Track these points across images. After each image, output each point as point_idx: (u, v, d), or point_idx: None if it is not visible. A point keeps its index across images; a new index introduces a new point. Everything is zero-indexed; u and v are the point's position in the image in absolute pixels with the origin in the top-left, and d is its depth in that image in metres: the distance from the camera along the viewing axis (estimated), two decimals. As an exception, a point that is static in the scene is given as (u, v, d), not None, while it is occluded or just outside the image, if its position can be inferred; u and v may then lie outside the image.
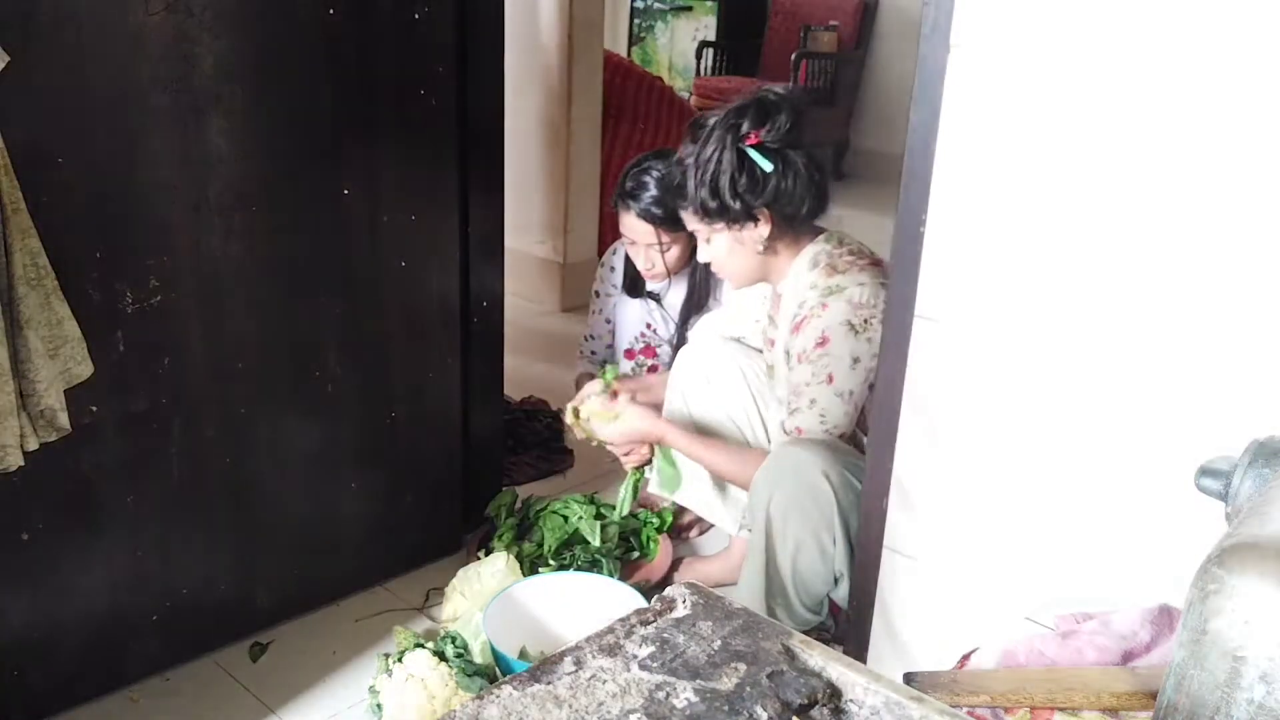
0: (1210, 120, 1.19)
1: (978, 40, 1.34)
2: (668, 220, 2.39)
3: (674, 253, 2.49)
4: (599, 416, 2.09)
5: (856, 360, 1.85)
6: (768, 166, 1.84)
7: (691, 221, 1.95)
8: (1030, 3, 1.29)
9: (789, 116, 1.85)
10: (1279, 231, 1.17)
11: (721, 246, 1.95)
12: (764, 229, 1.90)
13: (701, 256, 2.02)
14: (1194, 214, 1.22)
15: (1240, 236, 1.20)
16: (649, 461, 2.14)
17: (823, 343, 1.85)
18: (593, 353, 2.83)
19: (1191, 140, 1.21)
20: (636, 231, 2.46)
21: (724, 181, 1.84)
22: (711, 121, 1.89)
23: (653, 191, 2.38)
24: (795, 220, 1.93)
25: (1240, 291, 1.21)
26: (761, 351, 2.17)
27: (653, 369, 2.72)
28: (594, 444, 2.15)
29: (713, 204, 1.86)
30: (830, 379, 1.85)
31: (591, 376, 2.73)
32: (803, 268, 1.94)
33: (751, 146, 1.84)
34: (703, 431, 2.16)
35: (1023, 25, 1.30)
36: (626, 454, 2.11)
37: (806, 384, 1.87)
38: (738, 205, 1.86)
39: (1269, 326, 1.20)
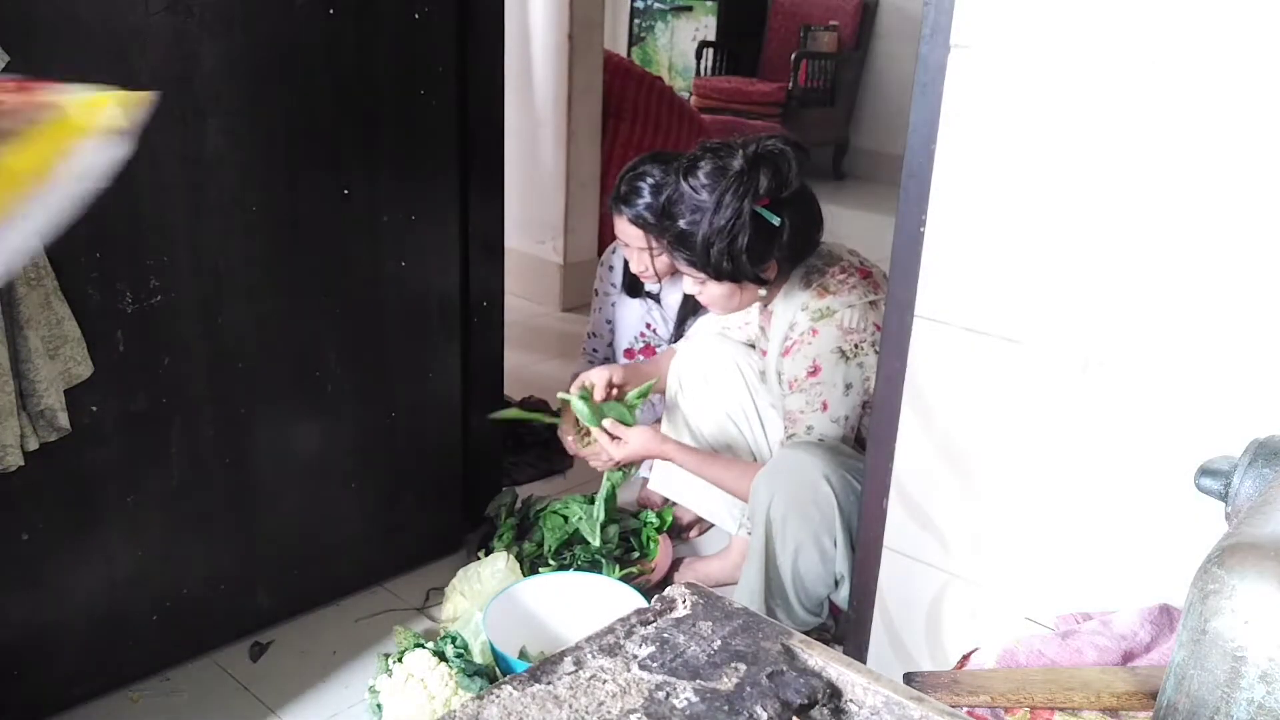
0: (1210, 119, 1.19)
1: (978, 40, 1.34)
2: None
3: (665, 258, 2.49)
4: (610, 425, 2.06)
5: (849, 386, 1.85)
6: (776, 221, 1.82)
7: (690, 271, 1.91)
8: (1030, 3, 1.29)
9: (797, 165, 1.82)
10: (1277, 230, 1.17)
11: (718, 292, 1.91)
12: (771, 276, 1.90)
13: (688, 289, 2.00)
14: (1193, 213, 1.22)
15: (1240, 235, 1.20)
16: (622, 466, 2.11)
17: (814, 371, 1.85)
18: (594, 350, 2.83)
19: (1190, 139, 1.21)
20: (629, 235, 2.46)
21: (740, 247, 1.80)
22: (708, 179, 1.81)
23: (646, 198, 2.38)
24: (799, 259, 1.92)
25: (1240, 291, 1.21)
26: (754, 347, 2.17)
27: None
28: (579, 449, 2.13)
29: (727, 268, 1.83)
30: (825, 406, 1.85)
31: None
32: (794, 286, 1.94)
33: (762, 206, 1.81)
34: (704, 430, 2.16)
35: (1023, 25, 1.30)
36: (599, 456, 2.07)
37: (801, 411, 1.87)
38: (752, 267, 1.84)
39: (1269, 326, 1.20)
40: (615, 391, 2.10)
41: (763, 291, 1.92)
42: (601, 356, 2.81)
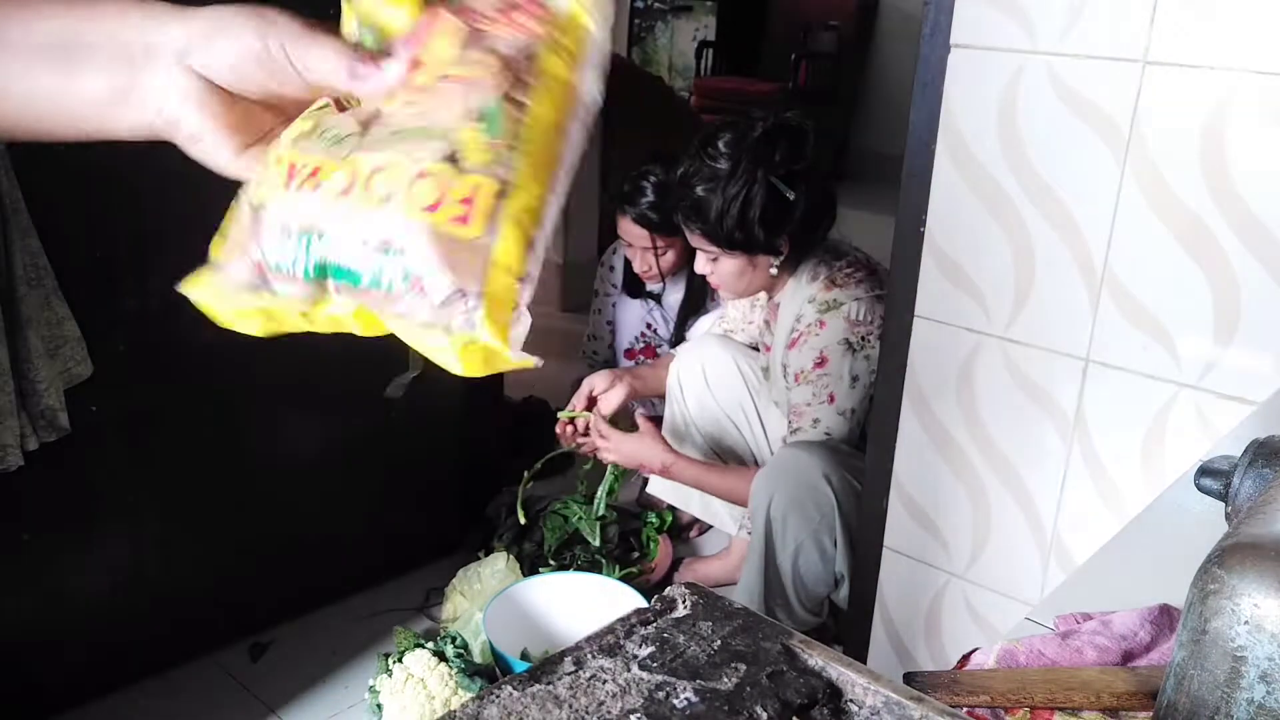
0: (1211, 118, 1.19)
1: (978, 40, 1.34)
2: (664, 225, 2.39)
3: (669, 257, 2.49)
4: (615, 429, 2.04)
5: (856, 379, 1.84)
6: (791, 195, 1.82)
7: (702, 243, 1.91)
8: (1030, 3, 1.29)
9: (813, 141, 1.83)
10: (1275, 231, 1.17)
11: (730, 269, 1.91)
12: (783, 254, 1.90)
13: (700, 268, 2.00)
14: (1192, 213, 1.22)
15: (1239, 233, 1.20)
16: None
17: (821, 363, 1.85)
18: (594, 353, 2.83)
19: (1189, 139, 1.20)
20: (632, 235, 2.46)
21: (755, 216, 1.81)
22: (727, 147, 1.82)
23: (649, 197, 2.38)
24: (812, 242, 1.92)
25: (1240, 291, 1.21)
26: (756, 349, 2.17)
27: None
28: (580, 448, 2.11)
29: (739, 236, 1.84)
30: (831, 398, 1.84)
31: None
32: (801, 280, 1.93)
33: (779, 178, 1.82)
34: (704, 430, 2.16)
35: (1022, 25, 1.30)
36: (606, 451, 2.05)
37: (808, 404, 1.86)
38: (765, 237, 1.84)
39: (1269, 326, 1.20)
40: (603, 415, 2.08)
41: (774, 270, 1.91)
42: (602, 358, 2.81)
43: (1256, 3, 1.13)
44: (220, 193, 1.66)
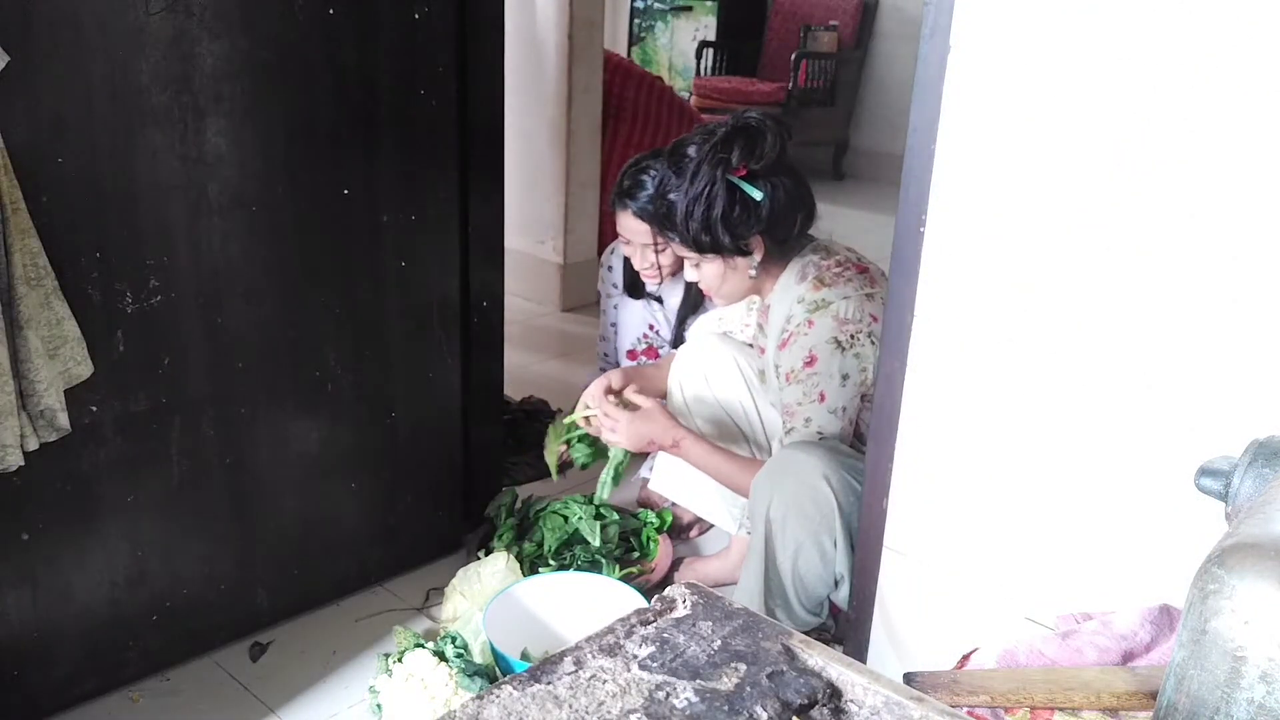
0: (1210, 121, 1.19)
1: (978, 40, 1.34)
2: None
3: (670, 253, 2.49)
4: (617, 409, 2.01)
5: (846, 377, 1.84)
6: (758, 195, 1.83)
7: (681, 250, 1.94)
8: (1031, 2, 1.29)
9: (775, 140, 1.83)
10: (1276, 230, 1.17)
11: (713, 273, 1.94)
12: (757, 255, 1.90)
13: (688, 277, 2.01)
14: (1193, 213, 1.22)
15: (1238, 236, 1.20)
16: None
17: (810, 362, 1.85)
18: (604, 355, 2.83)
19: (1190, 140, 1.21)
20: (633, 230, 2.46)
21: (717, 216, 1.83)
22: (693, 151, 1.86)
23: (649, 191, 2.37)
24: (787, 241, 1.93)
25: (1239, 291, 1.21)
26: (753, 346, 2.17)
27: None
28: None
29: (706, 239, 1.86)
30: (822, 397, 1.85)
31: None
32: (790, 280, 1.94)
33: (740, 178, 1.83)
34: (705, 429, 2.15)
35: (1023, 25, 1.30)
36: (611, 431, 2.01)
37: (799, 404, 1.87)
38: (730, 239, 1.86)
39: (1269, 326, 1.20)
40: (613, 396, 2.09)
41: (752, 272, 1.92)
42: (612, 360, 2.81)
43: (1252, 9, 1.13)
44: (221, 194, 1.69)
